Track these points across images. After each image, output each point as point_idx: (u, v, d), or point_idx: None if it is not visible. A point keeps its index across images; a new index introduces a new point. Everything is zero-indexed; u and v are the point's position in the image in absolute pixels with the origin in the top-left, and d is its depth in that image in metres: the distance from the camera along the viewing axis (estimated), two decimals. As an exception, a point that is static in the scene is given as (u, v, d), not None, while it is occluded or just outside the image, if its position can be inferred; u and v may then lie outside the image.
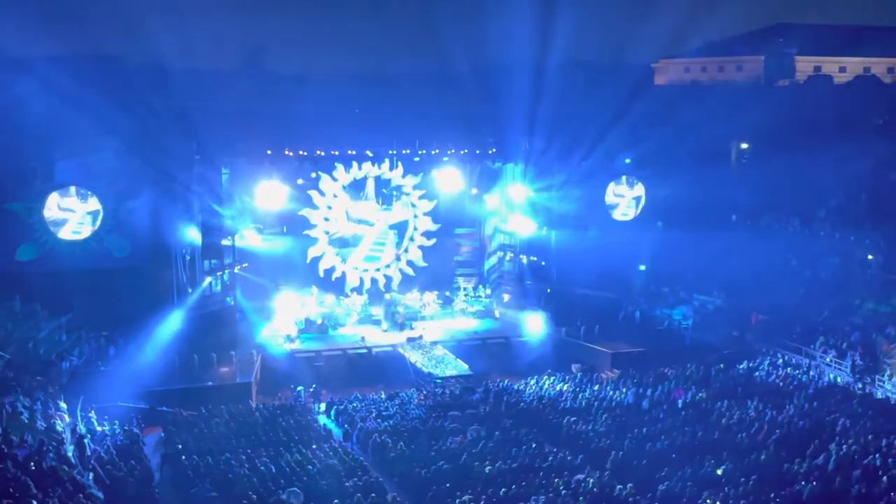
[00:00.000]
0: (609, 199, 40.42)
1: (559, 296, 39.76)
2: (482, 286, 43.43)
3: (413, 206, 42.12)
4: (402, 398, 30.90)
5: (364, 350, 35.95)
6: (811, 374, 31.71)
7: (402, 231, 42.40)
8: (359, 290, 41.14)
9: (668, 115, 42.18)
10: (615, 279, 40.11)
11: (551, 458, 23.97)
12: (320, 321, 38.22)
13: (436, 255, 42.95)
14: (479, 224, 44.77)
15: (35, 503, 16.92)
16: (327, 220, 40.71)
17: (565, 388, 31.48)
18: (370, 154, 40.66)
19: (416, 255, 42.52)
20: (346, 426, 28.26)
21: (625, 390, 30.48)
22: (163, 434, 27.03)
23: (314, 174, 40.07)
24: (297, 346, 36.08)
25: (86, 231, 32.59)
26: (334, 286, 40.86)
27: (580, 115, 40.85)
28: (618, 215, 40.56)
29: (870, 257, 37.69)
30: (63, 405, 25.90)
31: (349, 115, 42.97)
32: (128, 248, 33.21)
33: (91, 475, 21.15)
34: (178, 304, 34.13)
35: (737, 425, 26.38)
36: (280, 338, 36.50)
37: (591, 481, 22.07)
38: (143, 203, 33.40)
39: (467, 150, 41.68)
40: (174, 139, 34.14)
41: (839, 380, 30.93)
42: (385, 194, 41.73)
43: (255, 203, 39.03)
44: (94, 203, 32.62)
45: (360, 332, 37.87)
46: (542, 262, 41.91)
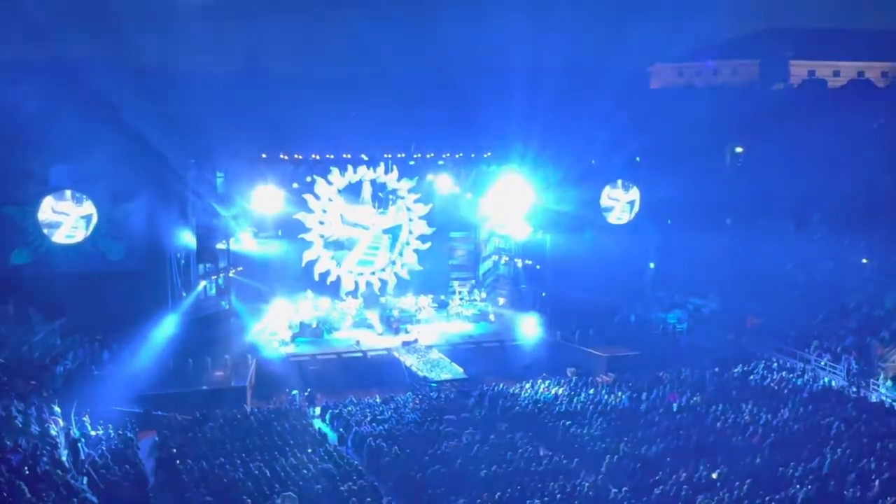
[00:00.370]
0: (604, 202, 40.57)
1: (554, 299, 39.77)
2: (477, 290, 43.48)
3: (408, 209, 42.12)
4: (397, 402, 30.82)
5: (359, 354, 35.96)
6: (806, 377, 31.72)
7: (396, 235, 42.42)
8: (354, 294, 41.12)
9: (663, 118, 42.30)
10: (610, 283, 40.13)
11: (546, 462, 23.95)
12: (315, 325, 38.23)
13: (431, 258, 42.96)
14: (474, 228, 44.78)
15: (29, 508, 16.88)
16: (322, 223, 40.70)
17: (560, 391, 31.45)
18: (365, 157, 40.68)
19: (411, 258, 42.51)
20: (341, 430, 28.20)
21: (620, 394, 30.49)
22: (157, 438, 26.93)
23: (309, 178, 40.07)
24: (291, 349, 36.08)
25: (79, 235, 32.66)
26: (329, 290, 40.85)
27: (575, 118, 40.90)
28: (612, 219, 40.69)
29: (864, 261, 37.75)
30: (57, 409, 25.80)
31: (344, 119, 42.92)
32: (122, 252, 33.22)
33: (85, 479, 21.08)
34: (173, 307, 34.06)
35: (731, 429, 26.35)
36: (275, 341, 36.47)
37: (587, 485, 22.08)
38: (138, 207, 33.37)
39: (462, 154, 41.69)
40: (169, 143, 34.08)
41: (834, 383, 30.93)
42: (381, 198, 41.73)
43: (250, 207, 39.03)
44: (88, 207, 32.67)
45: (355, 335, 37.88)
46: (538, 266, 41.92)
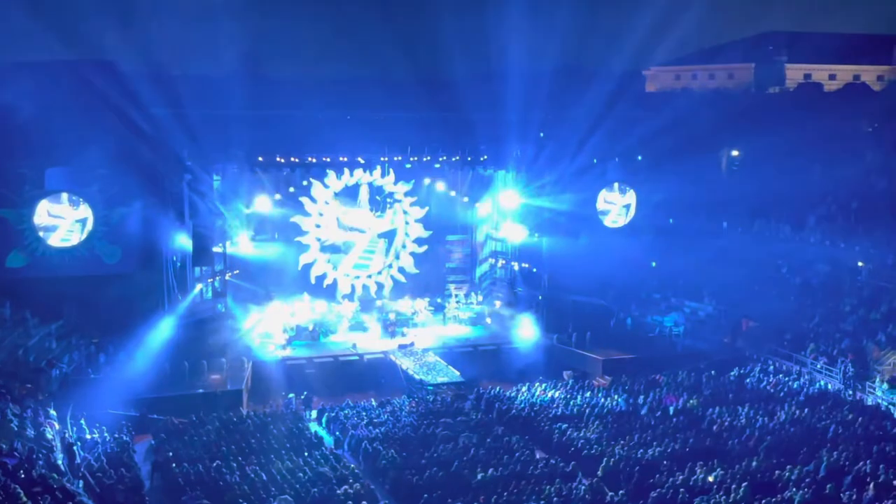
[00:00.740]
0: (600, 205, 40.64)
1: (550, 302, 39.74)
2: (474, 293, 43.46)
3: (405, 212, 42.11)
4: (393, 405, 30.81)
5: (355, 357, 35.93)
6: (802, 380, 31.77)
7: (392, 239, 42.38)
8: (350, 297, 41.09)
9: (659, 122, 42.37)
10: (607, 286, 40.20)
11: (543, 466, 23.97)
12: (311, 328, 38.18)
13: (427, 261, 42.94)
14: (470, 231, 44.75)
15: (24, 511, 16.81)
16: (319, 227, 40.68)
17: (557, 394, 31.47)
18: (362, 161, 40.68)
19: (407, 261, 42.49)
20: (338, 433, 28.18)
21: (616, 397, 30.51)
22: (153, 442, 26.91)
23: (306, 181, 40.06)
24: (288, 353, 36.01)
25: (74, 239, 32.65)
26: (326, 293, 40.82)
27: (571, 122, 40.99)
28: (608, 222, 40.75)
29: (860, 264, 37.80)
30: (53, 413, 25.73)
31: (341, 122, 42.93)
32: (118, 255, 33.17)
33: (81, 483, 21.00)
34: (169, 310, 34.02)
35: (728, 432, 26.41)
36: (271, 345, 36.43)
37: (583, 488, 22.07)
38: (134, 210, 33.34)
39: (459, 157, 41.70)
40: (165, 145, 34.08)
41: (830, 386, 30.99)
42: (378, 201, 41.72)
43: (246, 209, 39.02)
44: (84, 210, 32.62)
45: (352, 339, 37.83)
46: (534, 269, 41.91)
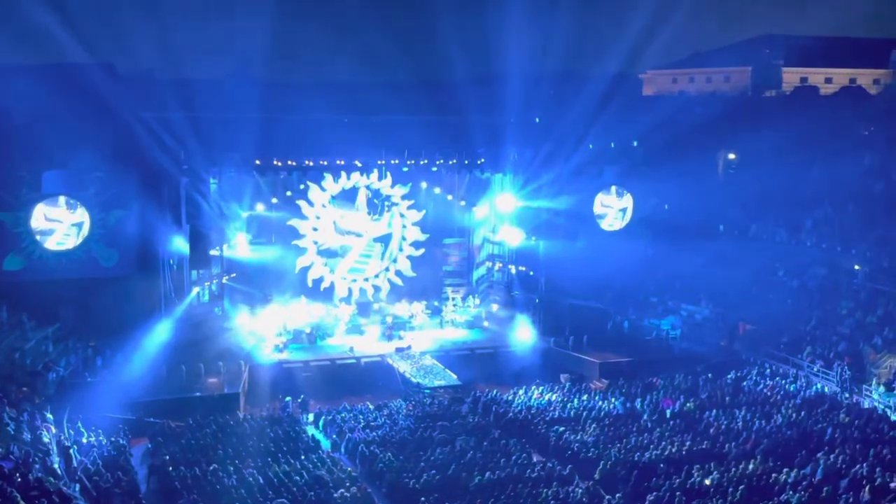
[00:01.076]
0: (597, 209, 40.66)
1: (548, 306, 39.75)
2: (471, 296, 43.44)
3: (402, 216, 42.11)
4: (390, 408, 30.79)
5: (352, 360, 35.88)
6: (799, 383, 31.81)
7: (389, 243, 42.34)
8: (347, 301, 41.08)
9: (656, 125, 42.43)
10: (604, 289, 40.20)
11: (540, 469, 23.97)
12: (308, 331, 38.15)
13: (424, 265, 42.91)
14: (467, 234, 44.73)
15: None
16: (316, 230, 40.66)
17: (554, 398, 31.47)
18: (359, 164, 40.67)
19: (404, 265, 42.48)
20: (335, 437, 28.17)
21: (613, 400, 30.53)
22: (150, 445, 26.86)
23: (303, 185, 40.06)
24: (285, 356, 35.96)
25: (71, 242, 32.71)
26: (323, 296, 40.80)
27: (568, 125, 41.01)
28: (605, 226, 40.78)
29: (857, 267, 37.85)
30: (49, 416, 25.75)
31: (338, 125, 42.93)
32: (115, 258, 33.20)
33: (77, 487, 21.00)
34: (166, 314, 34.01)
35: (725, 435, 26.44)
36: (268, 348, 36.41)
37: (580, 492, 22.09)
38: (131, 213, 33.40)
39: (456, 160, 41.70)
40: (162, 149, 34.07)
41: (826, 389, 31.02)
42: (375, 205, 41.71)
43: (243, 213, 38.98)
44: (81, 213, 32.62)
45: (349, 342, 37.80)
46: (531, 272, 41.91)
